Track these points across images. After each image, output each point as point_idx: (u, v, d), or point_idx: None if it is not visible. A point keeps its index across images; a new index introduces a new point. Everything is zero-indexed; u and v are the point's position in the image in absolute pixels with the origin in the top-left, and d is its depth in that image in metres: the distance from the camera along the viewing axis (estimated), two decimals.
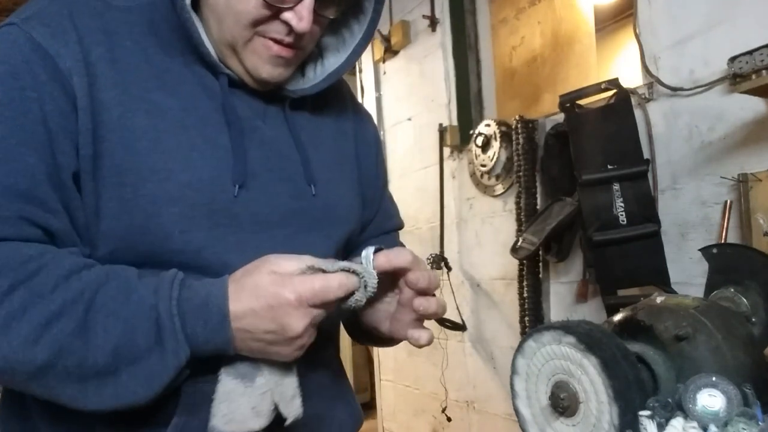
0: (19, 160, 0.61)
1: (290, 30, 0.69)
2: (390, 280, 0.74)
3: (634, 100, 1.81)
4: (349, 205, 0.85)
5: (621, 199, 1.70)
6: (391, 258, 0.70)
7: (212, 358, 0.65)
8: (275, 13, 0.68)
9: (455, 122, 2.68)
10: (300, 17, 0.67)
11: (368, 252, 0.70)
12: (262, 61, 0.71)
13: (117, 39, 0.68)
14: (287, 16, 0.68)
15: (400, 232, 1.04)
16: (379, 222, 0.96)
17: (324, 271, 0.66)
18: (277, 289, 0.63)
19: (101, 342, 0.60)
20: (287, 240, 0.74)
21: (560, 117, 1.95)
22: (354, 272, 0.67)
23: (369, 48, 3.31)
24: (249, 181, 0.72)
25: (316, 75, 0.80)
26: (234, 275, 0.66)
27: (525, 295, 2.16)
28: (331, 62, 0.81)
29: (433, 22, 2.77)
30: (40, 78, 0.63)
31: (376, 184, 0.94)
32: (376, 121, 3.61)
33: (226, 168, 0.70)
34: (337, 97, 0.89)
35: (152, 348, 0.61)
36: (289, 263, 0.65)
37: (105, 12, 0.69)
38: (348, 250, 0.89)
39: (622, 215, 1.69)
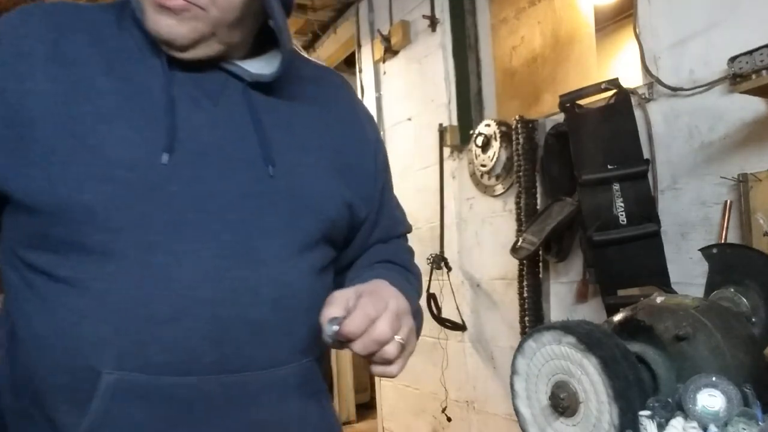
0: None
1: None
2: None
3: (634, 100, 1.81)
4: (323, 194, 0.79)
5: (621, 199, 1.70)
6: (341, 334, 0.65)
7: None
8: None
9: (455, 122, 2.68)
10: None
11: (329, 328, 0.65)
12: (150, 10, 0.69)
13: (68, 34, 0.71)
14: None
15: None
16: (385, 227, 0.92)
17: None
18: None
19: None
20: (240, 224, 0.71)
21: (560, 117, 1.95)
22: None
23: (369, 48, 3.32)
24: (192, 161, 0.70)
25: (278, 65, 0.78)
26: None
27: (525, 295, 2.16)
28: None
29: (433, 22, 2.77)
30: None
31: (374, 184, 0.89)
32: (376, 121, 3.61)
33: (160, 147, 0.69)
34: (327, 89, 0.88)
35: None
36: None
37: (70, 11, 0.73)
38: (346, 253, 0.87)
39: (622, 215, 1.69)
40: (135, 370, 0.66)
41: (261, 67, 0.77)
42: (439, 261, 2.65)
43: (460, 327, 2.62)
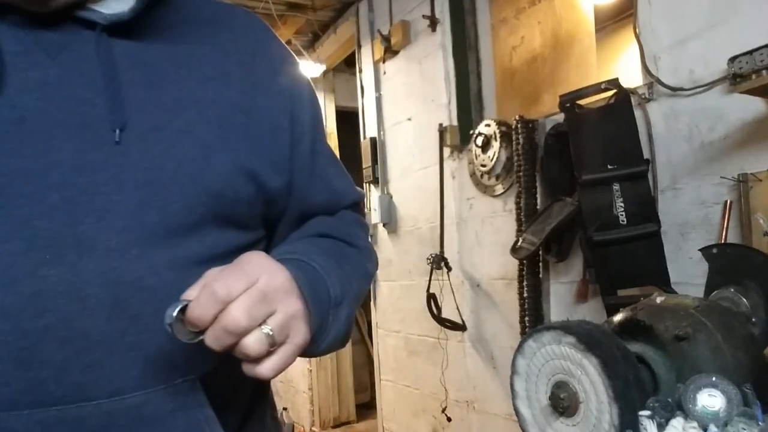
0: None
1: None
2: None
3: (634, 100, 1.81)
4: (203, 162, 0.60)
5: (621, 199, 1.70)
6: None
7: None
8: None
9: (455, 122, 2.68)
10: None
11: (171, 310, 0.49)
12: None
13: None
14: None
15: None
16: (322, 199, 0.74)
17: None
18: None
19: None
20: (63, 206, 0.53)
21: (560, 117, 1.95)
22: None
23: (369, 48, 3.32)
24: (9, 131, 0.53)
25: None
26: None
27: (525, 295, 2.16)
28: None
29: (433, 22, 2.77)
30: None
31: (289, 145, 0.69)
32: (375, 121, 3.61)
33: None
34: (229, 33, 0.69)
35: None
36: None
37: None
38: (277, 235, 0.71)
39: (622, 215, 1.69)
40: None
41: (118, 4, 0.60)
42: (439, 261, 2.65)
43: (460, 327, 2.62)
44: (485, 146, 2.42)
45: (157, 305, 0.51)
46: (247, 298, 0.49)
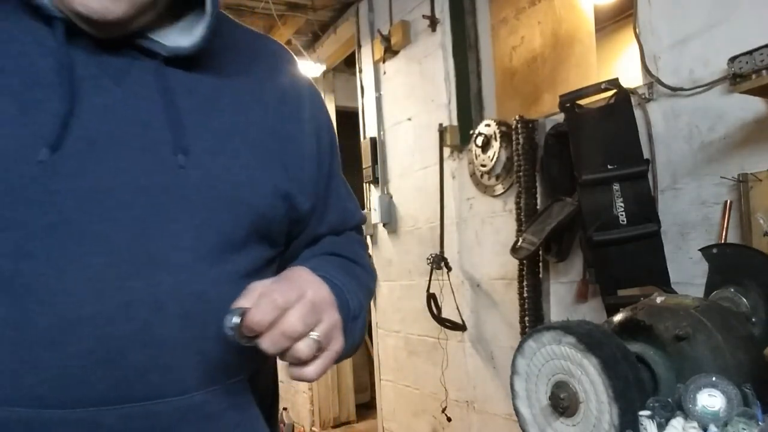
0: None
1: None
2: None
3: (634, 100, 1.81)
4: (251, 184, 0.67)
5: (621, 199, 1.70)
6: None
7: None
8: None
9: (455, 122, 2.68)
10: None
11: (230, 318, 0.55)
12: None
13: None
14: None
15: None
16: (335, 219, 0.80)
17: None
18: None
19: None
20: (136, 224, 0.59)
21: (560, 117, 1.95)
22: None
23: (369, 48, 3.32)
24: (82, 153, 0.58)
25: (201, 33, 0.66)
26: None
27: (525, 295, 2.16)
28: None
29: (433, 22, 2.77)
30: None
31: (316, 169, 0.76)
32: (376, 121, 3.61)
33: (45, 137, 0.57)
34: (263, 60, 0.75)
35: None
36: None
37: None
38: (291, 252, 0.77)
39: (622, 215, 1.69)
40: (12, 404, 0.56)
41: (178, 37, 0.66)
42: (439, 261, 2.65)
43: (460, 327, 2.62)
44: (485, 146, 2.41)
45: (216, 314, 0.57)
46: (302, 307, 0.55)
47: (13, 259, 0.56)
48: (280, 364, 0.66)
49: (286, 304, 0.54)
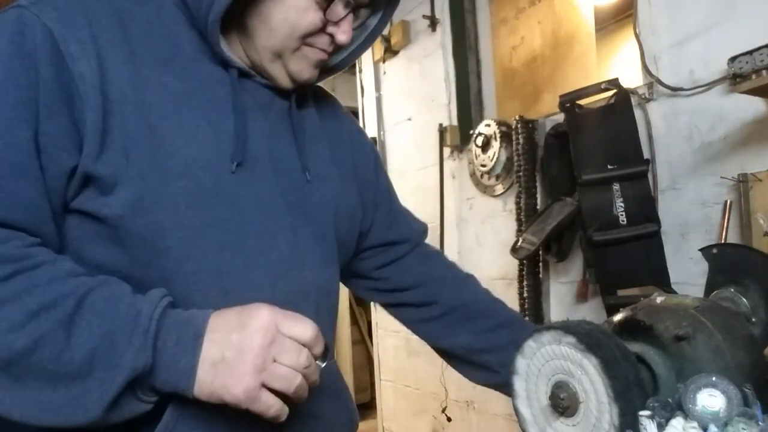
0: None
1: (332, 41, 0.78)
2: None
3: (634, 100, 1.81)
4: (347, 206, 0.87)
5: (621, 199, 1.70)
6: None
7: None
8: (323, 27, 0.76)
9: (455, 122, 2.68)
10: (343, 31, 0.77)
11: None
12: (308, 65, 0.78)
13: (126, 24, 0.70)
14: (332, 29, 0.77)
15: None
16: (402, 226, 1.03)
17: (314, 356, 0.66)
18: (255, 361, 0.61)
19: (83, 339, 0.58)
20: (291, 230, 0.76)
21: (560, 117, 1.95)
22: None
23: (369, 48, 3.31)
24: (252, 167, 0.73)
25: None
26: (225, 312, 0.64)
27: (525, 295, 2.16)
28: (333, 58, 0.85)
29: (433, 22, 2.77)
30: (42, 61, 0.63)
31: (377, 190, 0.98)
32: (376, 121, 3.59)
33: (228, 151, 0.72)
34: (332, 107, 0.95)
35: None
36: (299, 328, 0.64)
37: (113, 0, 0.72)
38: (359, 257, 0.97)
39: (622, 215, 1.69)
40: None
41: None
42: None
43: None
44: (485, 146, 2.41)
45: (332, 306, 0.84)
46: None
47: (216, 251, 0.69)
48: None
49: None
